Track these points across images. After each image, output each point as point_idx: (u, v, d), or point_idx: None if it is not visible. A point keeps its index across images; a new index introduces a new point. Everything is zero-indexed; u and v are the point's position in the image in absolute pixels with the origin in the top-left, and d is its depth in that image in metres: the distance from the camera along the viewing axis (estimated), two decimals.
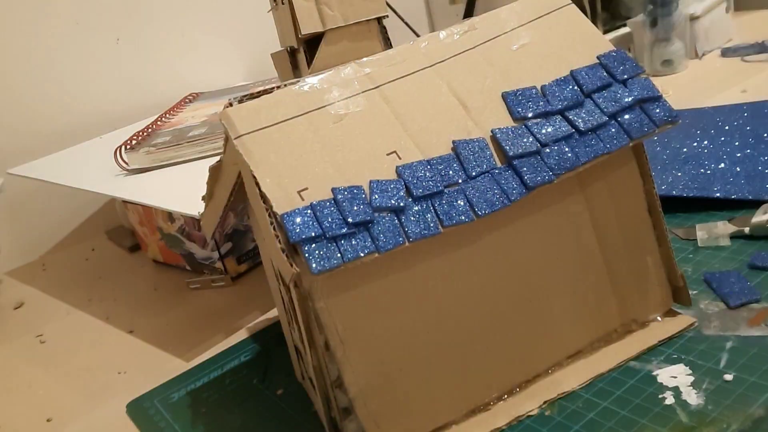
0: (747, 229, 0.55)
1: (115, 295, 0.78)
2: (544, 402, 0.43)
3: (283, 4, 0.46)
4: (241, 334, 0.61)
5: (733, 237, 0.56)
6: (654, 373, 0.43)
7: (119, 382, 0.59)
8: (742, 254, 0.53)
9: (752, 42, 1.01)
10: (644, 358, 0.44)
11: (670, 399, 0.40)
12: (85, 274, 0.88)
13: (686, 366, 0.42)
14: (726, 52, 1.03)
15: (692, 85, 0.97)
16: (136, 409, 0.54)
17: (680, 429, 0.38)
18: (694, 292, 0.49)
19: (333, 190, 0.38)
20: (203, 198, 0.49)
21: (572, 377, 0.44)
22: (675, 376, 0.42)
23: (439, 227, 0.38)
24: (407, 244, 0.37)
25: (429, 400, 0.42)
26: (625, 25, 1.13)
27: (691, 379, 0.41)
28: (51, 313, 0.77)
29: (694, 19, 1.03)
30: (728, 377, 0.41)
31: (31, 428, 0.56)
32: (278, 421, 0.48)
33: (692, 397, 0.40)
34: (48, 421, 0.56)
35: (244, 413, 0.50)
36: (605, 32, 1.16)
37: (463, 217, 0.38)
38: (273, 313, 0.63)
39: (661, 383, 0.42)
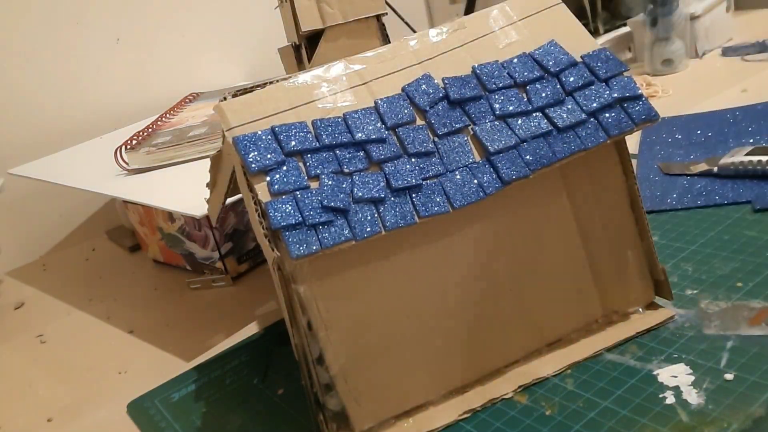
0: (715, 169, 0.64)
1: (116, 295, 0.78)
2: (519, 386, 0.44)
3: (286, 2, 0.47)
4: (242, 334, 0.61)
5: (703, 175, 0.66)
6: (654, 373, 0.43)
7: (120, 382, 0.59)
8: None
9: (753, 41, 1.01)
10: (644, 357, 0.44)
11: (670, 398, 0.40)
12: (85, 274, 0.88)
13: (687, 365, 0.42)
14: (726, 52, 1.03)
15: (693, 84, 0.97)
16: (137, 409, 0.54)
17: (681, 428, 0.38)
18: (695, 291, 0.49)
19: (321, 174, 0.39)
20: (208, 185, 0.51)
21: (549, 364, 0.46)
22: (675, 375, 0.42)
23: (415, 217, 0.40)
24: (383, 232, 0.39)
25: (407, 381, 0.43)
26: (625, 25, 1.13)
27: (692, 378, 0.41)
28: (51, 313, 0.77)
29: (694, 18, 1.03)
30: (729, 377, 0.41)
31: (32, 428, 0.56)
32: (278, 421, 0.48)
33: (693, 397, 0.40)
34: (48, 421, 0.56)
35: (244, 413, 0.50)
36: (605, 32, 1.16)
37: (438, 208, 0.40)
38: (273, 312, 0.63)
39: (662, 383, 0.42)
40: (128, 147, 0.79)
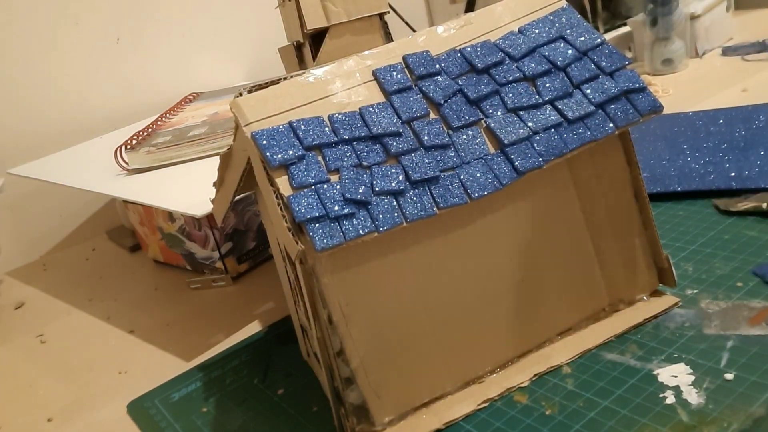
0: (765, 205, 0.57)
1: (116, 295, 0.78)
2: (534, 375, 0.45)
3: (290, 1, 0.47)
4: (242, 334, 0.61)
5: (751, 213, 0.58)
6: (654, 372, 0.43)
7: (120, 382, 0.59)
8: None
9: (753, 41, 1.01)
10: (644, 357, 0.44)
11: (670, 398, 0.40)
12: (85, 274, 0.88)
13: (687, 365, 0.42)
14: (726, 51, 1.03)
15: (693, 84, 0.97)
16: (137, 408, 0.54)
17: (681, 428, 0.38)
18: (695, 291, 0.49)
19: (340, 168, 0.40)
20: (214, 184, 0.51)
21: (561, 352, 0.46)
22: (676, 375, 0.42)
23: (435, 209, 0.40)
24: (405, 224, 0.40)
25: (426, 372, 0.44)
26: (625, 24, 1.13)
27: (692, 378, 0.41)
28: (51, 313, 0.77)
29: (694, 18, 1.03)
30: (729, 376, 0.41)
31: (32, 428, 0.56)
32: (279, 421, 0.48)
33: (693, 397, 0.40)
34: (49, 421, 0.56)
35: (244, 413, 0.50)
36: (605, 31, 1.16)
37: (457, 200, 0.41)
38: (273, 312, 0.64)
39: (662, 382, 0.42)
40: (128, 147, 0.79)
